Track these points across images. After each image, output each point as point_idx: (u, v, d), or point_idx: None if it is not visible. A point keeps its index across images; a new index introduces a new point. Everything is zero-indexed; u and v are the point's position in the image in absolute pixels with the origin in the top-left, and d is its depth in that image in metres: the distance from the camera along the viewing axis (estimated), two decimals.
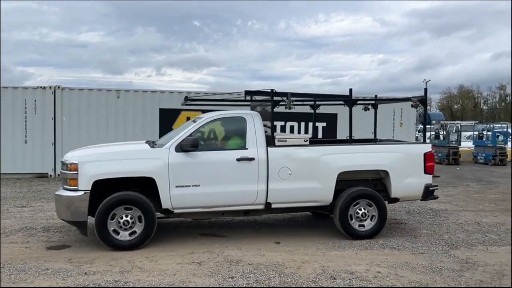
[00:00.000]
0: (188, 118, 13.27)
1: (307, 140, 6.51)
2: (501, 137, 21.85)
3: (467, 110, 62.78)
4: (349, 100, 7.22)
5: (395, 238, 6.40)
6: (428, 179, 6.64)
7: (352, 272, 4.92)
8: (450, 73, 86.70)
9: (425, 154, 6.62)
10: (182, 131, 6.06)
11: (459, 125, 28.91)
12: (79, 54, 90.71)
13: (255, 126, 6.21)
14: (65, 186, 5.73)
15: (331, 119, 14.14)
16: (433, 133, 23.95)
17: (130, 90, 13.48)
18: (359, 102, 7.72)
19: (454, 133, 25.52)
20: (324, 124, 14.13)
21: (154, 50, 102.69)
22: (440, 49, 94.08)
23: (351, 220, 6.32)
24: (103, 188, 5.68)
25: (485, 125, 26.50)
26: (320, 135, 14.11)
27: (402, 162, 6.52)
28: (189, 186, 5.84)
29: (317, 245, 6.00)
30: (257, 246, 5.92)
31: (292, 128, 14.04)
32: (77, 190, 5.56)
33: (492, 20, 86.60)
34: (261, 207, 6.16)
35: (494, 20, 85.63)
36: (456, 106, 67.50)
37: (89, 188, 5.56)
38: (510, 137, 21.95)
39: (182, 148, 5.81)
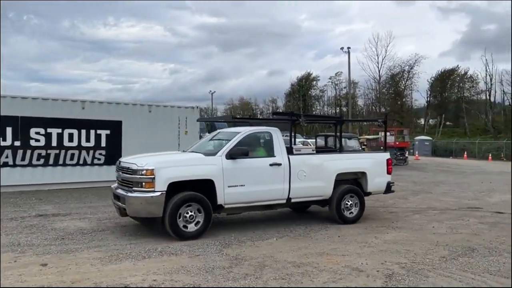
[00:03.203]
0: None
1: (314, 150, 9.18)
2: None
3: None
4: (340, 121, 10.22)
5: (173, 244, 6.52)
6: (389, 178, 8.82)
7: (127, 284, 4.75)
8: (234, 85, 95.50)
9: (387, 160, 8.83)
10: (228, 143, 7.36)
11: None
12: None
13: (278, 139, 7.76)
14: (137, 189, 6.68)
15: (116, 127, 13.62)
16: None
17: None
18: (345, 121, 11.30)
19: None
20: (108, 131, 13.49)
21: None
22: (226, 63, 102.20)
23: (343, 209, 8.20)
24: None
25: None
26: (103, 143, 13.41)
27: (374, 166, 8.66)
28: (237, 186, 7.17)
29: (92, 261, 5.60)
30: (18, 271, 5.14)
31: (71, 135, 12.88)
32: (153, 191, 6.58)
33: (268, 42, 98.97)
34: (284, 202, 7.74)
35: (270, 41, 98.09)
36: (238, 116, 74.42)
37: (165, 189, 6.63)
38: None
39: (231, 156, 7.15)
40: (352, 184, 8.54)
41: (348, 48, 40.71)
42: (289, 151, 7.85)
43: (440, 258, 5.99)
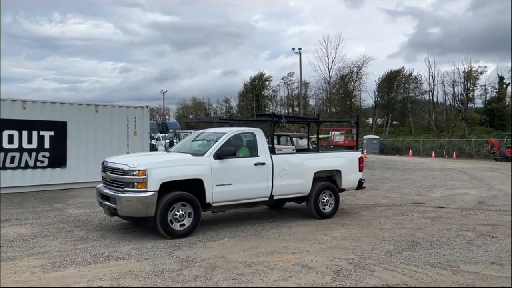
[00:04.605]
0: None
1: (294, 150, 9.77)
2: None
3: None
4: (316, 121, 10.64)
5: (121, 248, 6.33)
6: (360, 175, 9.37)
7: None
8: (187, 85, 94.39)
9: (359, 158, 9.37)
10: (216, 143, 7.57)
11: (191, 133, 31.64)
12: None
13: (261, 139, 8.07)
14: (129, 189, 6.73)
15: (60, 127, 13.01)
16: (167, 141, 25.31)
17: None
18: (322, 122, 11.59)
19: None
20: (52, 132, 12.86)
21: None
22: (179, 62, 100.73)
23: (320, 205, 8.65)
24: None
25: None
26: (47, 145, 12.76)
27: (348, 164, 9.17)
28: (225, 184, 7.39)
29: (33, 269, 5.31)
30: None
31: (11, 137, 12.16)
32: (146, 191, 6.67)
33: (222, 41, 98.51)
34: (267, 199, 8.04)
35: (224, 41, 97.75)
36: (191, 116, 73.53)
37: (157, 189, 6.74)
38: None
39: (218, 156, 7.36)
40: (327, 181, 8.96)
41: (299, 49, 41.57)
42: (272, 150, 8.16)
43: (386, 252, 6.21)
